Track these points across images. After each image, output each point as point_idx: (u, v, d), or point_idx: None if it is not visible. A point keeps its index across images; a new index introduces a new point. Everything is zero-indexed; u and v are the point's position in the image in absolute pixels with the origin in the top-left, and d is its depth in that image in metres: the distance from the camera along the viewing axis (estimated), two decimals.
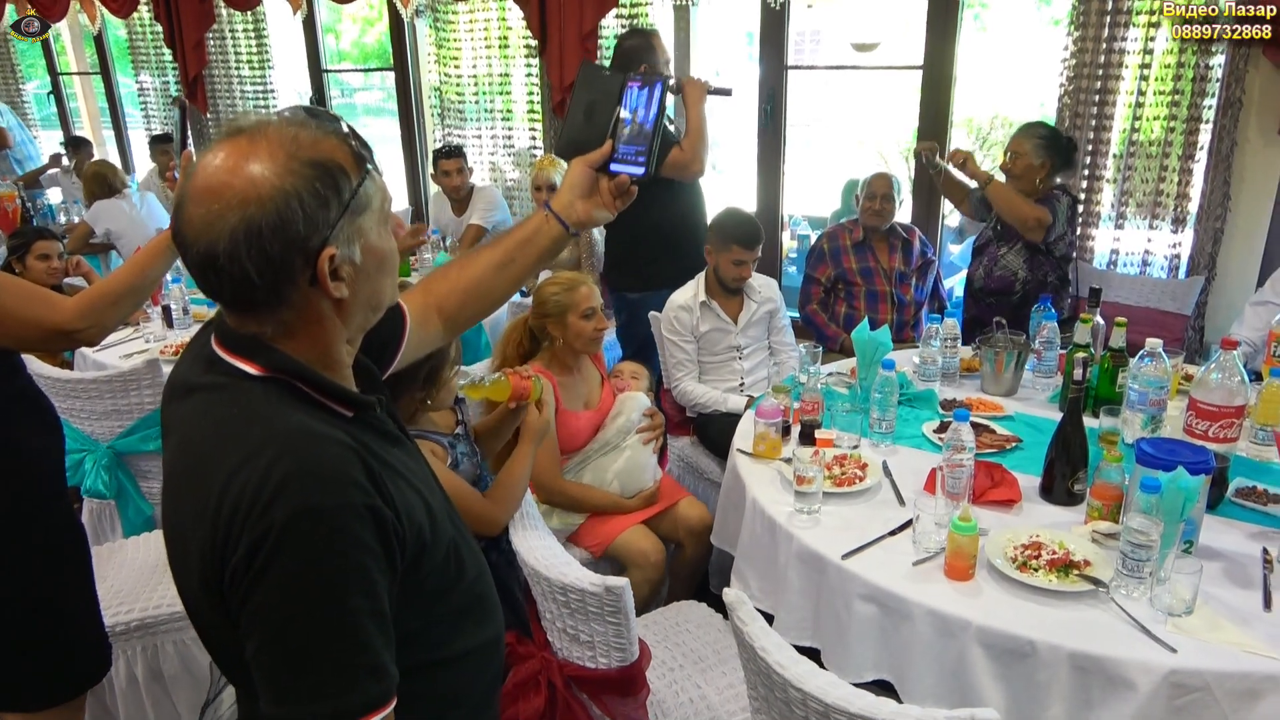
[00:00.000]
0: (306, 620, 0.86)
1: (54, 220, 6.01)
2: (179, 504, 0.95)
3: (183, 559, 0.94)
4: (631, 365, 2.91)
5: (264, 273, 0.89)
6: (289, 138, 0.90)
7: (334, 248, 0.91)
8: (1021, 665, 1.52)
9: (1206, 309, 3.42)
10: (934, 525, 1.74)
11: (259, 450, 0.88)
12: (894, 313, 3.42)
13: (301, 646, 0.86)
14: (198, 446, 0.93)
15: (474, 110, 5.06)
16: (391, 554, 0.92)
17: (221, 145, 0.91)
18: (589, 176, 1.29)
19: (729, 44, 9.10)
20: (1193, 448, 1.72)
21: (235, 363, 0.95)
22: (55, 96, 7.61)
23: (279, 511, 0.85)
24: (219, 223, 0.87)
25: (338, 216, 0.91)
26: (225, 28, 5.89)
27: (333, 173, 0.91)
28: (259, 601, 0.86)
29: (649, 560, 2.38)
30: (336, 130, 0.95)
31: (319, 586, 0.86)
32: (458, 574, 1.07)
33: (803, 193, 7.45)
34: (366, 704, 0.88)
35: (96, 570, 2.34)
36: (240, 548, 0.85)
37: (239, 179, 0.88)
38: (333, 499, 0.87)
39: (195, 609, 0.97)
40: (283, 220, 0.88)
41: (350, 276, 0.94)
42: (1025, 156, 3.04)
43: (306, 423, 0.92)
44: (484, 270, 1.32)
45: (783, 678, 1.27)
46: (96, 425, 2.83)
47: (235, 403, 0.93)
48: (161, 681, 2.22)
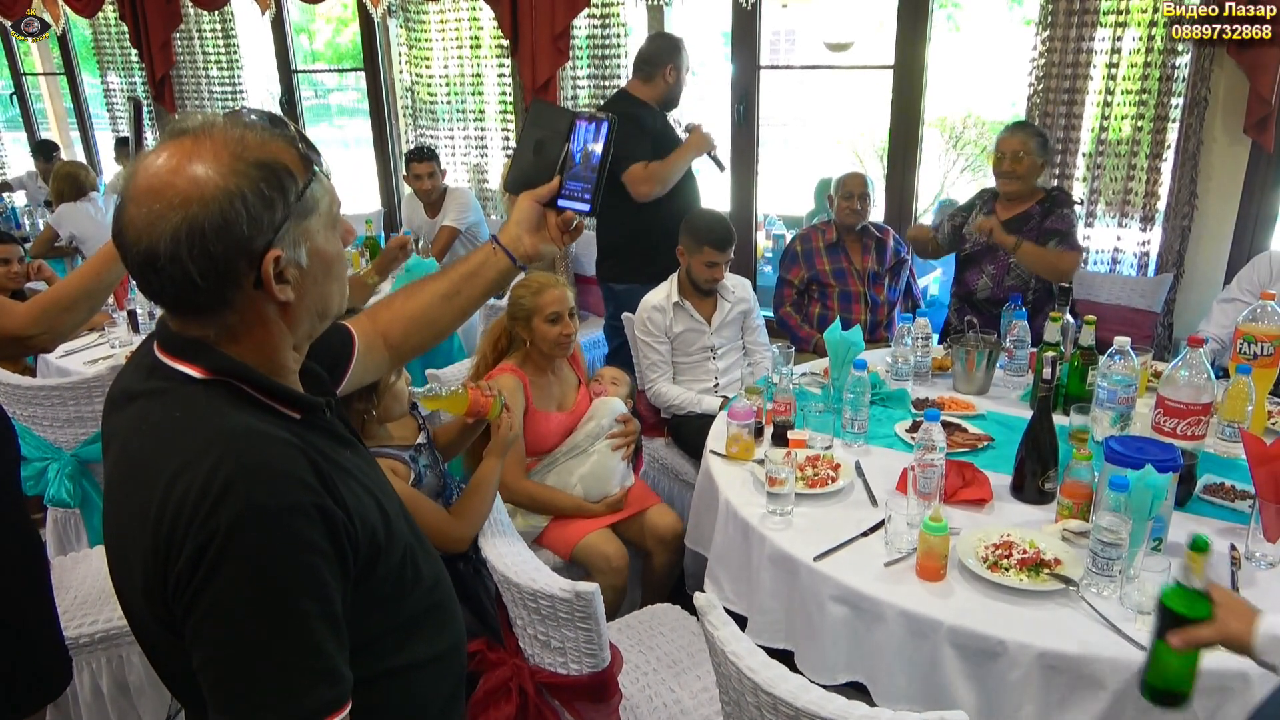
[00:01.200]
0: (255, 625, 0.84)
1: (18, 225, 5.91)
2: (119, 514, 0.92)
3: (125, 571, 0.91)
4: (612, 370, 2.90)
5: (207, 274, 0.87)
6: (234, 139, 0.89)
7: (279, 250, 0.89)
8: (993, 665, 1.52)
9: (1175, 306, 3.45)
10: (906, 525, 1.74)
11: (202, 453, 0.85)
12: (868, 313, 3.43)
13: (250, 652, 0.84)
14: (137, 453, 0.91)
15: (446, 111, 5.02)
16: (344, 555, 0.90)
17: (165, 146, 0.89)
18: (537, 211, 1.29)
19: (704, 44, 9.10)
20: (1161, 445, 1.73)
21: (177, 366, 0.92)
22: (19, 98, 7.48)
23: (224, 514, 0.82)
24: (160, 223, 0.85)
25: (283, 218, 0.89)
26: (193, 27, 5.81)
27: (279, 174, 0.89)
28: (205, 609, 0.83)
29: (611, 565, 2.35)
30: (284, 133, 0.93)
31: (267, 590, 0.84)
32: (414, 580, 1.05)
33: (780, 192, 7.48)
34: (319, 710, 0.86)
35: (60, 580, 2.30)
36: (184, 554, 0.82)
37: (181, 179, 0.86)
38: (279, 499, 0.85)
39: (139, 623, 0.94)
40: (226, 221, 0.86)
41: (296, 279, 0.92)
42: (1030, 156, 2.97)
43: (250, 423, 0.90)
44: (430, 300, 1.32)
45: (754, 682, 1.26)
46: (60, 433, 2.78)
47: (176, 406, 0.91)
48: (127, 693, 2.19)
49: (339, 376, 1.25)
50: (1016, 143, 2.98)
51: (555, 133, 1.29)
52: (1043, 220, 2.99)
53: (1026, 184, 3.01)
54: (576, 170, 1.28)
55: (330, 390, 1.11)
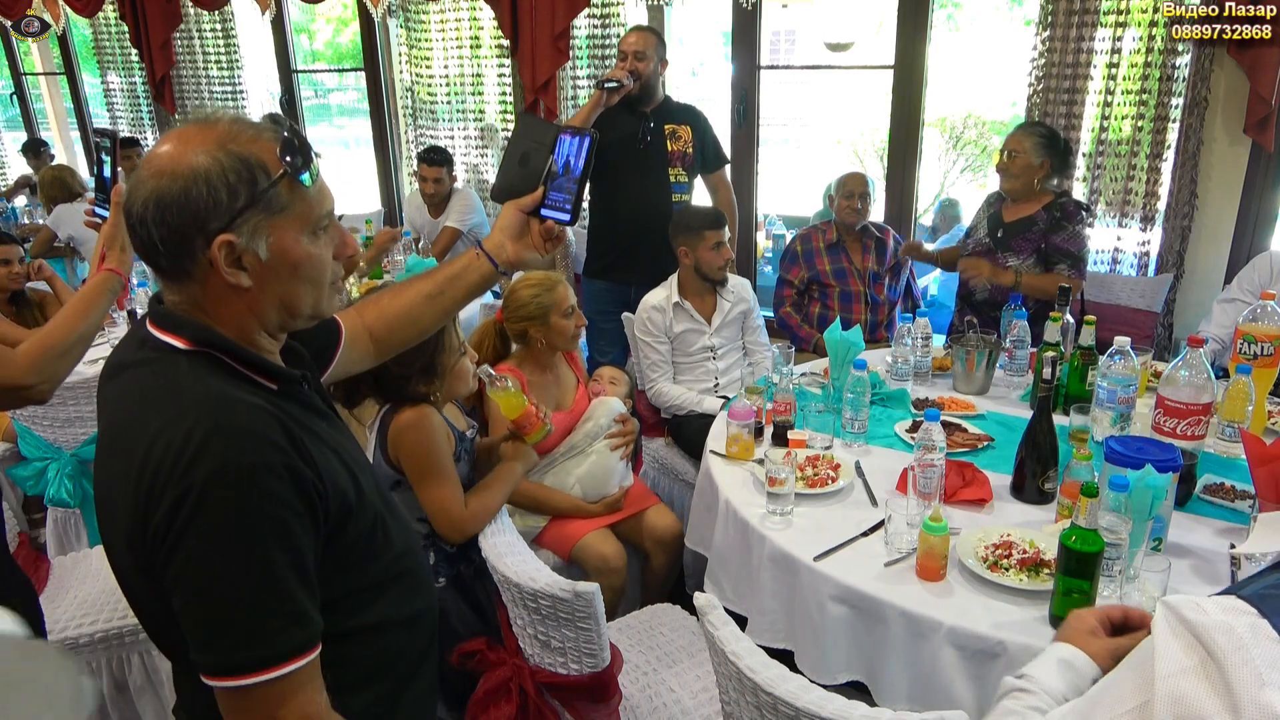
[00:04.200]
0: (227, 571, 0.92)
1: (18, 224, 5.90)
2: (107, 474, 1.00)
3: (112, 527, 1.00)
4: (611, 370, 2.90)
5: (166, 241, 0.96)
6: (229, 131, 0.98)
7: (233, 235, 0.96)
8: (993, 665, 1.52)
9: (1175, 306, 3.45)
10: (906, 525, 1.74)
11: (181, 415, 0.93)
12: (868, 312, 3.43)
13: (224, 596, 0.92)
14: (124, 417, 0.99)
15: (446, 111, 5.02)
16: (314, 510, 0.98)
17: (181, 128, 0.99)
18: (520, 220, 1.35)
19: (705, 44, 9.11)
20: (1160, 445, 1.73)
21: (163, 337, 1.01)
22: (19, 97, 7.48)
23: (199, 471, 0.90)
24: (140, 188, 0.96)
25: (243, 207, 0.96)
26: (193, 27, 5.81)
27: (251, 166, 0.96)
28: (183, 558, 0.92)
29: (608, 565, 2.35)
30: (279, 135, 0.99)
31: (239, 540, 0.92)
32: (384, 545, 1.13)
33: (784, 192, 7.48)
34: (291, 649, 0.95)
35: (60, 580, 2.31)
36: (162, 506, 0.91)
37: (167, 154, 0.96)
38: (250, 458, 0.93)
39: (124, 575, 1.03)
40: (187, 197, 0.94)
41: (254, 268, 0.99)
42: (1024, 155, 2.94)
43: (226, 389, 0.98)
44: (415, 299, 1.38)
45: (754, 682, 1.26)
46: (60, 433, 2.78)
47: (161, 375, 0.99)
48: (127, 693, 2.19)
49: (324, 364, 1.32)
50: (1013, 141, 2.98)
51: (540, 145, 1.35)
52: (1049, 232, 2.94)
53: (1022, 183, 2.97)
54: (560, 182, 1.33)
55: (310, 366, 1.18)
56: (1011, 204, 3.05)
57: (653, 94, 3.38)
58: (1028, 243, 2.97)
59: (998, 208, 3.12)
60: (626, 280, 3.45)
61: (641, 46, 3.28)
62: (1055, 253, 2.93)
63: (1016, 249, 3.00)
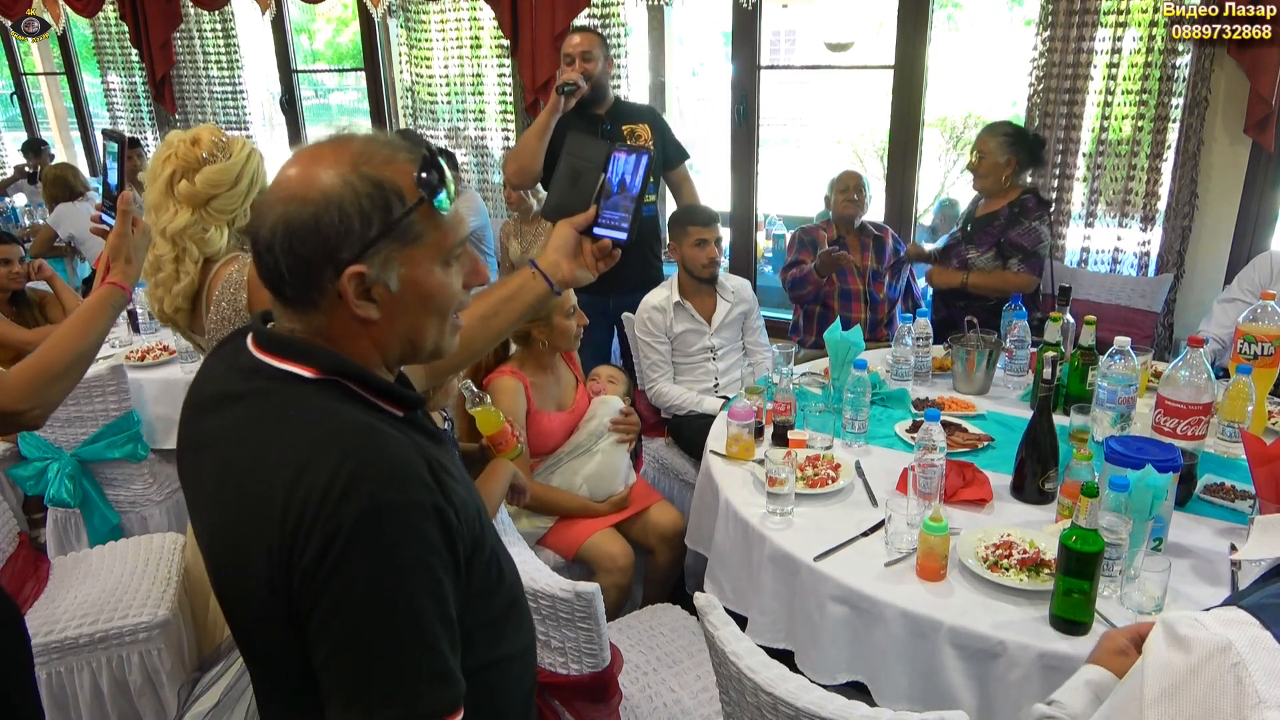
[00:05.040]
0: (377, 623, 0.85)
1: (18, 224, 5.90)
2: (232, 515, 0.92)
3: (240, 571, 0.91)
4: (609, 369, 2.91)
5: (293, 270, 0.90)
6: (364, 151, 0.91)
7: (364, 266, 0.90)
8: (993, 665, 1.52)
9: (1175, 306, 3.45)
10: (906, 525, 1.74)
11: (323, 450, 0.86)
12: (868, 311, 3.43)
13: (372, 650, 0.85)
14: (251, 453, 0.91)
15: (446, 111, 5.02)
16: (455, 555, 0.91)
17: (312, 146, 0.93)
18: (574, 238, 1.33)
19: (705, 44, 9.10)
20: (1161, 445, 1.73)
21: (283, 366, 0.94)
22: (19, 97, 7.48)
23: (349, 510, 0.83)
24: (268, 212, 0.90)
25: (377, 236, 0.90)
26: (193, 27, 5.81)
27: (386, 193, 0.90)
28: (329, 605, 0.85)
29: (617, 565, 2.36)
30: (417, 155, 0.93)
31: (389, 589, 0.85)
32: (499, 577, 1.06)
33: (784, 192, 7.47)
34: (435, 712, 0.87)
35: (60, 580, 2.31)
36: (310, 549, 0.84)
37: (297, 176, 0.90)
38: (401, 496, 0.86)
39: (258, 631, 0.95)
40: (318, 225, 0.88)
41: (383, 300, 0.93)
42: (990, 155, 3.08)
43: (367, 420, 0.91)
44: (469, 322, 1.31)
45: (754, 682, 1.26)
46: (60, 433, 2.78)
47: (288, 405, 0.92)
48: (127, 693, 2.19)
49: None
50: (980, 142, 3.13)
51: (592, 164, 1.34)
52: (1008, 226, 3.08)
53: (991, 182, 3.11)
54: (614, 199, 1.32)
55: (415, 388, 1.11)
56: (985, 201, 3.19)
57: (604, 94, 3.32)
58: (989, 237, 3.12)
59: (975, 205, 3.26)
60: (603, 290, 3.41)
61: (587, 47, 3.20)
62: (1010, 247, 3.08)
63: (978, 243, 3.14)
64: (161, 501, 2.98)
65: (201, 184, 1.75)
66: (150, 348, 3.21)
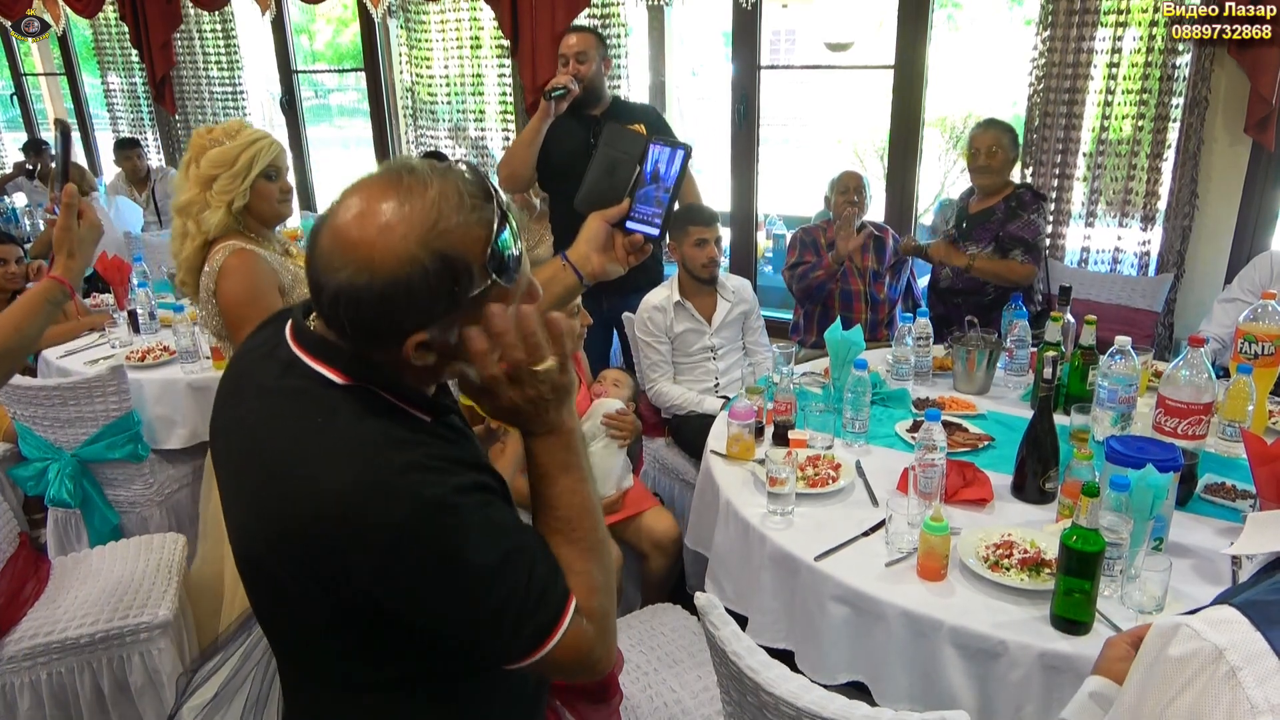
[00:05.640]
0: (480, 579, 0.91)
1: (18, 224, 5.90)
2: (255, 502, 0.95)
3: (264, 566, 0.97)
4: (615, 372, 2.90)
5: (356, 328, 0.90)
6: (434, 216, 0.87)
7: (427, 334, 0.91)
8: (994, 665, 1.52)
9: (1176, 305, 3.45)
10: (906, 525, 1.73)
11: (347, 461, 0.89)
12: (868, 311, 3.43)
13: (496, 596, 0.91)
14: (278, 452, 0.93)
15: (446, 111, 5.02)
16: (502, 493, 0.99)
17: (378, 181, 0.89)
18: (606, 231, 1.32)
19: (705, 44, 9.10)
20: (1161, 445, 1.73)
21: (318, 368, 0.95)
22: (19, 98, 7.48)
23: (401, 509, 0.87)
24: (334, 272, 0.88)
25: (443, 311, 0.90)
26: (193, 28, 5.81)
27: (457, 271, 0.89)
28: (424, 590, 0.90)
29: None
30: (489, 216, 0.91)
31: (469, 549, 0.90)
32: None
33: (784, 192, 7.47)
34: (565, 591, 0.97)
35: (60, 580, 2.31)
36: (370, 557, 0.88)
37: (367, 238, 0.86)
38: (440, 488, 0.89)
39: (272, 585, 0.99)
40: (385, 298, 0.87)
41: (441, 348, 0.93)
42: (1004, 151, 3.13)
43: (392, 430, 0.93)
44: None
45: (755, 682, 1.26)
46: (60, 433, 2.77)
47: (316, 411, 0.93)
48: (127, 693, 2.19)
49: None
50: (990, 139, 3.13)
51: (628, 156, 1.31)
52: (1006, 221, 3.10)
53: (1000, 177, 3.16)
54: (648, 194, 1.30)
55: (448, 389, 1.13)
56: (978, 199, 3.23)
57: (599, 95, 3.30)
58: (986, 232, 3.14)
59: (965, 203, 3.30)
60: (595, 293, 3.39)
61: (582, 47, 3.19)
62: (1010, 240, 3.10)
63: (976, 238, 3.17)
64: (162, 502, 2.98)
65: (205, 165, 1.97)
66: (150, 348, 3.21)
